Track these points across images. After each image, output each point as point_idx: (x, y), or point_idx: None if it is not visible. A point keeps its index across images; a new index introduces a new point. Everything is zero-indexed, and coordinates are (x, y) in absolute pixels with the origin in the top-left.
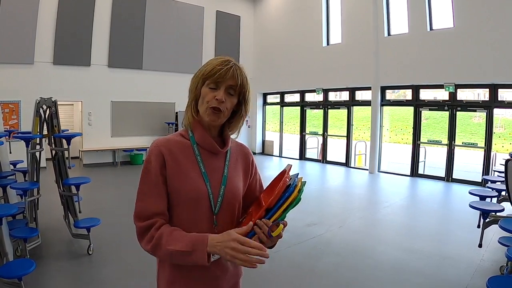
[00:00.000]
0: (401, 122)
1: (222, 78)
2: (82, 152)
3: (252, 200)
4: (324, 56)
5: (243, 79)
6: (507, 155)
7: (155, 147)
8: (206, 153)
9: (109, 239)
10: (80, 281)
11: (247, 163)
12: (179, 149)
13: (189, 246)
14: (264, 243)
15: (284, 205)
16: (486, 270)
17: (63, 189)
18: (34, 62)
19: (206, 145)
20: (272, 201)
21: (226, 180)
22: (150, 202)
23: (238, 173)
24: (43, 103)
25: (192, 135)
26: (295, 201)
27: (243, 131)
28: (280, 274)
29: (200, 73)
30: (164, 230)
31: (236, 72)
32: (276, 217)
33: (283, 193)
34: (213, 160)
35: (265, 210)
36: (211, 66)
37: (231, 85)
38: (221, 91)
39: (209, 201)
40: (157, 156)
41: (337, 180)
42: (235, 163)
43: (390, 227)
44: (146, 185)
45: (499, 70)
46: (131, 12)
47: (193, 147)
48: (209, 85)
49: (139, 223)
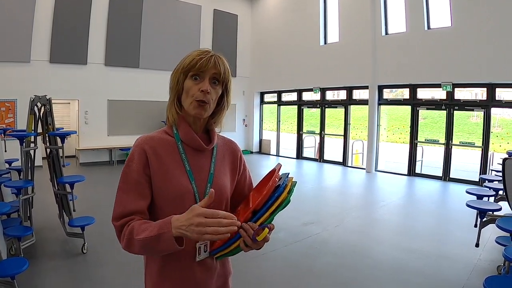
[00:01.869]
0: (399, 121)
1: (205, 67)
2: (79, 150)
3: (241, 197)
4: (321, 55)
5: (225, 68)
6: (504, 154)
7: (138, 145)
8: (191, 150)
9: (103, 238)
10: (75, 280)
11: (234, 159)
12: (163, 146)
13: (155, 231)
14: (249, 246)
15: (273, 207)
16: (483, 270)
17: (57, 187)
18: (31, 61)
19: (191, 142)
20: (260, 203)
21: (213, 178)
22: (129, 201)
23: (225, 171)
24: (38, 101)
25: (177, 132)
26: (284, 203)
27: (240, 130)
28: (276, 274)
29: (180, 67)
30: (135, 223)
31: (218, 60)
32: (263, 219)
33: (272, 194)
34: (199, 158)
35: (252, 212)
36: (191, 58)
37: (214, 74)
38: (206, 81)
39: (195, 200)
40: (140, 155)
41: (334, 179)
42: (222, 160)
43: (387, 226)
44: (126, 184)
45: (496, 69)
46: (128, 11)
47: (178, 145)
48: (192, 76)
49: (115, 223)
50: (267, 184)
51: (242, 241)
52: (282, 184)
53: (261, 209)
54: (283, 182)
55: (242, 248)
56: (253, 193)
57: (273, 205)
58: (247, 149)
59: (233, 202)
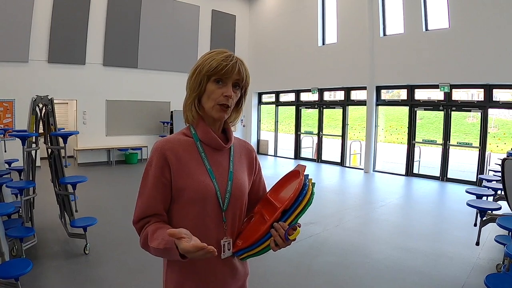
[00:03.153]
0: (396, 122)
1: (229, 74)
2: (77, 151)
3: (255, 197)
4: (319, 55)
5: (247, 74)
6: (502, 155)
7: (157, 149)
8: (210, 149)
9: (105, 239)
10: (77, 280)
11: (251, 159)
12: (182, 147)
13: (161, 244)
14: (278, 245)
15: (299, 208)
16: (482, 269)
17: (59, 188)
18: (29, 60)
19: (210, 141)
20: (289, 203)
21: (233, 175)
22: (146, 205)
23: (243, 169)
24: (39, 101)
25: (195, 132)
26: (308, 204)
27: (238, 131)
28: (277, 273)
29: (204, 69)
30: (149, 229)
31: (241, 67)
32: (291, 220)
33: (298, 195)
34: (218, 156)
35: (282, 212)
36: (216, 62)
37: (237, 80)
38: (229, 87)
39: (217, 197)
40: (159, 158)
41: (332, 179)
42: (240, 159)
43: (386, 226)
44: (144, 189)
45: (493, 70)
46: (127, 11)
47: (197, 144)
48: (215, 80)
49: (135, 225)
50: (285, 185)
51: (273, 241)
52: (305, 186)
53: (290, 209)
54: (305, 184)
55: (272, 247)
56: (271, 193)
57: (298, 207)
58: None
59: (248, 202)
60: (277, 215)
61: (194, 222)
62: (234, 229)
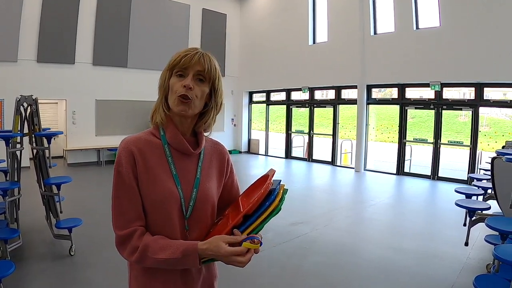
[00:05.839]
0: (387, 120)
1: (188, 64)
2: (66, 151)
3: (227, 200)
4: (310, 54)
5: (211, 65)
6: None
7: (125, 147)
8: (177, 154)
9: (91, 240)
10: (62, 282)
11: (222, 162)
12: (149, 149)
13: (178, 253)
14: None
15: (264, 214)
16: (472, 268)
17: (44, 189)
18: (18, 60)
19: (178, 145)
20: (251, 208)
21: (199, 182)
22: (127, 207)
23: (212, 175)
24: (24, 101)
25: (164, 134)
26: (275, 211)
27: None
28: (263, 275)
29: (167, 66)
30: (148, 240)
31: (203, 58)
32: (254, 226)
33: (264, 201)
34: (186, 162)
35: (243, 216)
36: (176, 55)
37: (198, 71)
38: (189, 77)
39: (180, 204)
40: (128, 157)
41: (323, 178)
42: (209, 163)
43: (376, 225)
44: (119, 191)
45: (484, 69)
46: (116, 10)
47: (164, 148)
48: (176, 73)
49: (119, 232)
50: (258, 189)
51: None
52: (274, 192)
53: (252, 215)
54: (274, 190)
55: None
56: (243, 197)
57: (264, 212)
58: (236, 148)
59: (219, 205)
60: (238, 219)
61: (158, 228)
62: (200, 236)
